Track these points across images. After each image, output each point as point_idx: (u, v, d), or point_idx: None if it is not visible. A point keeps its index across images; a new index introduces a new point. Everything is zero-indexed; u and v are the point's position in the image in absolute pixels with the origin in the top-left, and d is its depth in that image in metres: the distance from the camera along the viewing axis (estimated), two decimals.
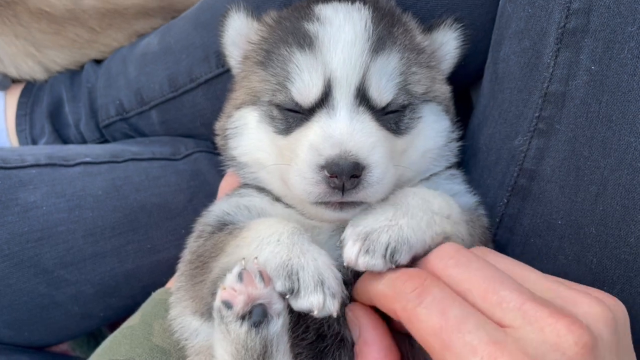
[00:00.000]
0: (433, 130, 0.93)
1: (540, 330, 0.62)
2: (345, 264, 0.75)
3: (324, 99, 0.83)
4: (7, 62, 1.53)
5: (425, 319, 0.65)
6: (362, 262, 0.73)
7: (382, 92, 0.84)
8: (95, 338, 1.47)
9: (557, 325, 0.62)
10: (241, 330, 0.70)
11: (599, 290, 0.72)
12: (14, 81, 1.62)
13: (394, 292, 0.69)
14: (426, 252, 0.75)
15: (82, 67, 1.61)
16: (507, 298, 0.65)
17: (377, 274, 0.73)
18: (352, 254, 0.73)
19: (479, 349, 0.61)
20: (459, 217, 0.84)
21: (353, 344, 0.78)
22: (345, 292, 0.74)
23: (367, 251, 0.73)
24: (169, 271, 1.12)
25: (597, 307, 0.66)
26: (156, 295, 1.13)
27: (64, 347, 1.47)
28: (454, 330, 0.63)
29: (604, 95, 0.79)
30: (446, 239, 0.80)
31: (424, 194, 0.83)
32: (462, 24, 0.99)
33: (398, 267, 0.73)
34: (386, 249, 0.73)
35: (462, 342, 0.62)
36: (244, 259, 0.74)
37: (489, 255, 0.74)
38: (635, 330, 0.82)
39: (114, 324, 1.26)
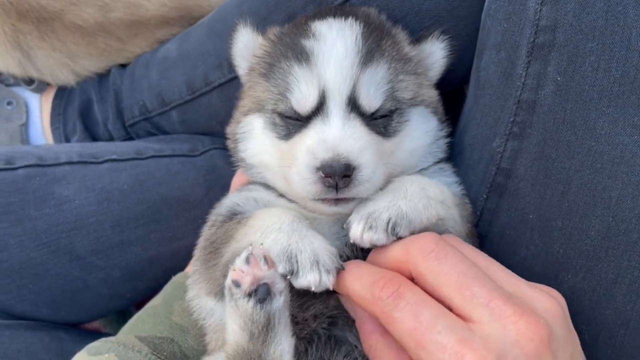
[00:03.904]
0: (420, 131, 0.99)
1: (504, 327, 0.68)
2: (351, 241, 0.82)
3: (319, 108, 0.89)
4: (44, 71, 1.63)
5: (400, 321, 0.71)
6: (367, 237, 0.80)
7: (371, 100, 0.90)
8: (123, 316, 1.54)
9: (519, 323, 0.68)
10: (248, 305, 0.77)
11: (546, 287, 0.80)
12: (48, 84, 1.71)
13: (372, 297, 0.74)
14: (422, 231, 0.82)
15: (109, 71, 1.70)
16: (477, 294, 0.70)
17: (358, 276, 0.78)
18: (357, 231, 0.81)
19: (447, 347, 0.67)
20: (451, 202, 0.92)
21: None
22: (341, 263, 0.81)
23: (370, 227, 0.80)
24: (188, 257, 1.18)
25: (550, 304, 0.73)
26: (176, 278, 1.22)
27: (96, 325, 1.55)
28: (425, 331, 0.68)
29: (568, 103, 0.84)
30: (440, 219, 0.87)
31: (421, 182, 0.90)
32: (448, 36, 1.05)
33: (399, 238, 0.80)
34: (387, 224, 0.80)
35: (433, 341, 0.68)
36: (251, 244, 0.81)
37: (460, 247, 0.80)
38: (596, 314, 0.90)
39: (139, 304, 1.32)
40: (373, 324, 0.81)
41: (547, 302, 0.74)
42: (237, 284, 0.79)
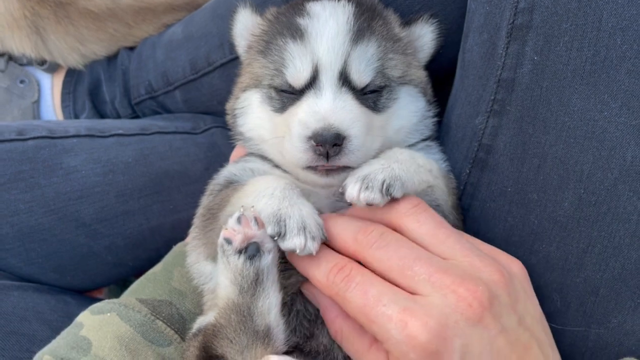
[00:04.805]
0: (408, 109, 1.03)
1: (444, 296, 0.75)
2: (348, 201, 0.87)
3: (313, 82, 0.94)
4: (55, 54, 1.71)
5: (352, 300, 0.78)
6: (363, 197, 0.84)
7: (362, 75, 0.95)
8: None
9: (458, 290, 0.75)
10: (239, 261, 0.83)
11: (504, 253, 0.86)
12: (59, 65, 1.77)
13: (328, 282, 0.82)
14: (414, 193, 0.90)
15: (117, 52, 1.76)
16: (418, 272, 0.78)
17: (317, 264, 0.84)
18: (354, 191, 0.85)
19: (392, 317, 0.74)
20: (438, 172, 0.98)
21: None
22: (325, 235, 0.86)
23: (366, 188, 0.85)
24: (188, 228, 1.19)
25: (495, 275, 0.80)
26: (176, 248, 1.26)
27: (101, 297, 1.57)
28: (373, 306, 0.76)
29: (544, 81, 0.88)
30: (430, 187, 0.94)
31: (410, 152, 0.96)
32: (437, 19, 1.09)
33: (394, 200, 0.86)
34: (382, 184, 0.85)
35: (380, 313, 0.75)
36: (242, 206, 0.87)
37: (422, 215, 0.86)
38: (568, 282, 0.94)
39: (140, 275, 1.30)
40: (336, 310, 0.87)
41: (493, 272, 0.80)
42: (228, 241, 0.84)
